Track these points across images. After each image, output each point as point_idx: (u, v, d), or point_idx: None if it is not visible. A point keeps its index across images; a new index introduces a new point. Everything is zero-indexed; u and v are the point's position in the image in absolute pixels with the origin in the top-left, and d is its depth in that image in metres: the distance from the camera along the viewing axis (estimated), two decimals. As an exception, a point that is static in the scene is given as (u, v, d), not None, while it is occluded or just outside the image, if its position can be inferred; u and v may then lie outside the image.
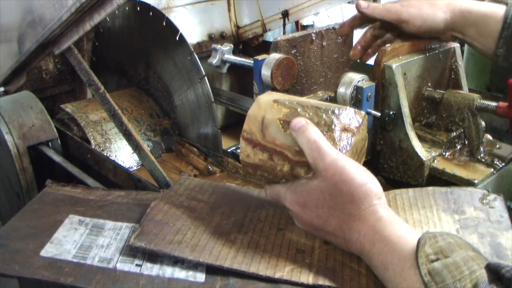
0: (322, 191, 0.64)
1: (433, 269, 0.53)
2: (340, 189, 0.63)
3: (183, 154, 1.19)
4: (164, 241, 0.66)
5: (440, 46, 0.98)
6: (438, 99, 0.96)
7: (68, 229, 0.72)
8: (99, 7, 0.85)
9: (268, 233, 0.72)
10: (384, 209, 0.63)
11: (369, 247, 0.61)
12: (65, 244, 0.68)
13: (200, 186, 0.84)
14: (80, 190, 0.83)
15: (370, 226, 0.62)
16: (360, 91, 0.89)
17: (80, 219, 0.74)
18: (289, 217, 0.76)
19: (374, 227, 0.61)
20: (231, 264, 0.64)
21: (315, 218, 0.66)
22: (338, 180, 0.63)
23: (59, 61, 1.51)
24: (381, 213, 0.62)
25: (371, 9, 0.91)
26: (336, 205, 0.64)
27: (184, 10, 1.56)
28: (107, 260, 0.66)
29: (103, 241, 0.69)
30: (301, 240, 0.71)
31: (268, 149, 0.69)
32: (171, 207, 0.75)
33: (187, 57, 1.11)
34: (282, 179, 0.71)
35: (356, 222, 0.63)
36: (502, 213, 0.74)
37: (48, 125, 1.18)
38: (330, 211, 0.65)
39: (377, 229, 0.61)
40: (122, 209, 0.78)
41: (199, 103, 1.13)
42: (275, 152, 0.69)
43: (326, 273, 0.63)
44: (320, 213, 0.65)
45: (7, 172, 1.19)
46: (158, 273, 0.64)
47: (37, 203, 0.79)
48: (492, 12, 0.89)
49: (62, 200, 0.80)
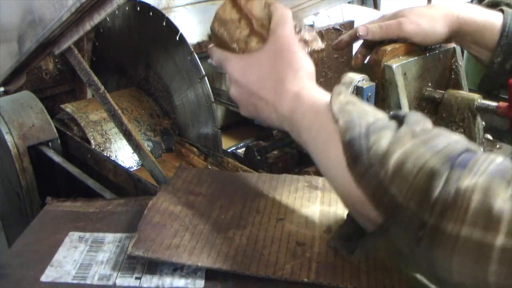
0: (268, 54, 0.72)
1: (342, 108, 0.59)
2: (283, 56, 0.71)
3: (183, 154, 1.19)
4: (162, 247, 0.66)
5: (440, 46, 0.99)
6: (438, 99, 0.96)
7: (68, 248, 0.72)
8: (99, 7, 0.85)
9: (267, 225, 0.72)
10: (311, 81, 0.71)
11: (294, 104, 0.68)
12: (65, 265, 0.68)
13: (198, 177, 0.84)
14: (80, 204, 0.83)
15: (298, 88, 0.69)
16: (360, 91, 0.89)
17: (80, 236, 0.74)
18: (288, 204, 0.76)
19: (302, 88, 0.69)
20: (230, 265, 0.64)
21: (254, 80, 0.73)
22: (285, 48, 0.71)
23: (59, 61, 1.51)
24: (309, 81, 0.70)
25: (371, 34, 0.94)
26: (276, 69, 0.71)
27: (184, 10, 1.56)
28: (107, 277, 0.65)
29: (103, 257, 0.69)
30: (301, 230, 0.70)
31: (243, 13, 0.77)
32: (169, 205, 0.75)
33: (187, 57, 1.11)
34: (234, 43, 0.78)
35: (288, 85, 0.70)
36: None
37: (48, 125, 1.18)
38: (269, 73, 0.72)
39: (304, 88, 0.68)
40: (121, 219, 0.78)
41: (199, 103, 1.13)
42: (246, 17, 0.77)
43: (327, 270, 0.63)
44: (259, 75, 0.72)
45: (7, 172, 1.19)
46: (158, 284, 0.64)
47: (38, 223, 0.79)
48: (490, 23, 0.90)
49: (62, 217, 0.79)
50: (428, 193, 0.47)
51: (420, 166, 0.49)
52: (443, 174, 0.47)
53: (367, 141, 0.54)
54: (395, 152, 0.51)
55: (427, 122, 0.56)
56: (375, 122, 0.56)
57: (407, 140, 0.51)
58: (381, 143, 0.53)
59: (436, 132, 0.53)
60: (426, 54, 0.95)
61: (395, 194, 0.50)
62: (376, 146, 0.53)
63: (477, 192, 0.45)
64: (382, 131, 0.54)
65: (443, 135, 0.53)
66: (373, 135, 0.54)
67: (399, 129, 0.54)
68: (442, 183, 0.47)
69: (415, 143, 0.51)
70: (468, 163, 0.47)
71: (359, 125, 0.56)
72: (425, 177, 0.48)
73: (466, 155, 0.49)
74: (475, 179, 0.46)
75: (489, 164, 0.47)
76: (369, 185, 0.53)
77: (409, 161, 0.50)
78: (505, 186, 0.44)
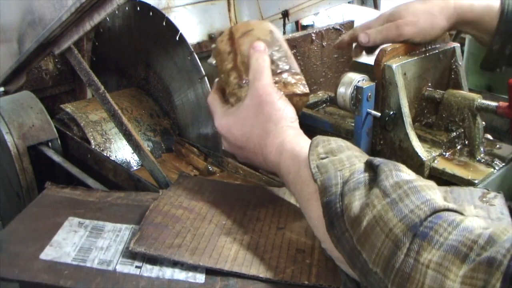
0: (248, 109, 0.75)
1: (320, 163, 0.62)
2: (262, 109, 0.74)
3: (183, 154, 1.19)
4: (164, 245, 0.66)
5: (440, 46, 0.98)
6: (438, 99, 0.95)
7: (68, 231, 0.72)
8: (99, 7, 0.85)
9: (268, 233, 0.72)
10: (293, 129, 0.74)
11: (279, 158, 0.71)
12: (64, 246, 0.68)
13: (199, 185, 0.84)
14: (80, 192, 0.83)
15: (280, 141, 0.72)
16: (360, 91, 0.89)
17: (79, 221, 0.74)
18: (288, 215, 0.76)
19: (283, 141, 0.72)
20: (231, 266, 0.64)
21: (240, 136, 0.77)
22: (263, 100, 0.74)
23: (59, 61, 1.51)
24: (290, 131, 0.73)
25: (372, 41, 0.95)
26: (257, 123, 0.75)
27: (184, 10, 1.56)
28: (107, 262, 0.65)
29: (103, 243, 0.69)
30: (301, 239, 0.71)
31: (233, 47, 0.81)
32: (171, 208, 0.75)
33: (187, 57, 1.11)
34: (222, 74, 0.83)
35: (271, 138, 0.73)
36: (502, 211, 0.74)
37: (48, 125, 1.18)
38: (252, 129, 0.75)
39: (285, 142, 0.71)
40: (121, 211, 0.78)
41: (199, 103, 1.13)
42: (234, 52, 0.81)
43: (327, 273, 0.63)
44: (244, 131, 0.76)
45: (7, 172, 1.19)
46: (158, 274, 0.64)
47: (36, 205, 0.79)
48: (488, 8, 0.89)
49: (61, 202, 0.80)
50: (391, 262, 0.49)
51: (386, 234, 0.51)
52: (405, 244, 0.49)
53: (342, 204, 0.57)
54: (366, 216, 0.53)
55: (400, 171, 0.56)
56: (349, 180, 0.58)
57: (377, 202, 0.53)
58: (354, 205, 0.55)
59: (407, 188, 0.53)
60: (426, 54, 0.95)
61: (366, 259, 0.52)
62: (349, 210, 0.55)
63: (431, 269, 0.46)
64: (356, 191, 0.56)
65: (414, 191, 0.53)
66: (347, 197, 0.56)
67: (371, 189, 0.56)
68: (403, 255, 0.49)
69: (384, 206, 0.52)
70: (429, 233, 0.48)
71: (335, 185, 0.58)
72: (390, 245, 0.50)
73: (430, 221, 0.49)
74: (433, 252, 0.47)
75: (450, 232, 0.48)
76: (345, 249, 0.56)
77: (378, 226, 0.52)
78: (458, 264, 0.45)
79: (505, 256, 0.43)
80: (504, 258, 0.43)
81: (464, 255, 0.46)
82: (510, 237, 0.45)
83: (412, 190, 0.53)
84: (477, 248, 0.46)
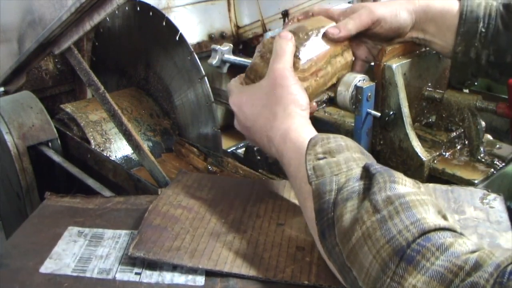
0: (261, 89, 0.75)
1: (317, 165, 0.61)
2: (274, 91, 0.74)
3: (183, 154, 1.19)
4: (163, 249, 0.66)
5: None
6: (438, 99, 0.95)
7: (67, 241, 0.72)
8: (99, 7, 0.85)
9: (268, 230, 0.72)
10: (301, 117, 0.72)
11: (283, 146, 0.70)
12: (64, 258, 0.68)
13: (198, 181, 0.84)
14: (79, 200, 0.83)
15: (286, 127, 0.71)
16: (360, 91, 0.89)
17: (79, 230, 0.74)
18: (288, 210, 0.76)
19: (289, 128, 0.70)
20: (230, 268, 0.64)
21: (249, 115, 0.76)
22: (277, 83, 0.74)
23: (59, 61, 1.51)
24: (298, 118, 0.72)
25: (345, 31, 0.85)
26: (267, 104, 0.74)
27: (184, 10, 1.56)
28: (106, 271, 0.66)
29: (102, 251, 0.69)
30: (301, 236, 0.71)
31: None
32: (170, 208, 0.75)
33: (187, 57, 1.11)
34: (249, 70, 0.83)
35: (278, 122, 0.72)
36: (501, 214, 0.74)
37: (48, 125, 1.18)
38: (262, 109, 0.74)
39: (291, 130, 0.70)
40: (121, 216, 0.78)
41: (199, 103, 1.13)
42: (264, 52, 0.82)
43: (327, 273, 0.63)
44: (253, 110, 0.75)
45: (7, 172, 1.19)
46: (158, 280, 0.64)
47: (37, 217, 0.79)
48: (449, 6, 0.87)
49: (61, 212, 0.80)
50: (377, 285, 0.50)
51: (374, 255, 0.51)
52: (391, 268, 0.49)
53: (334, 214, 0.57)
54: (355, 232, 0.53)
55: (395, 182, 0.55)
56: (343, 188, 0.58)
57: (367, 218, 0.53)
58: (345, 218, 0.55)
59: (398, 204, 0.53)
60: (426, 54, 0.94)
61: (356, 277, 0.53)
62: (340, 222, 0.55)
63: None
64: (349, 202, 0.56)
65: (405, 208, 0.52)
66: (339, 207, 0.56)
67: (364, 200, 0.55)
68: (388, 279, 0.49)
69: (373, 223, 0.52)
70: (416, 257, 0.48)
71: (329, 191, 0.58)
72: (376, 268, 0.50)
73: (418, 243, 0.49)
74: (417, 278, 0.47)
75: (438, 257, 0.47)
76: (336, 262, 0.57)
77: (366, 246, 0.52)
78: None
79: (488, 280, 0.43)
80: (487, 283, 0.43)
81: (449, 282, 0.45)
82: (494, 262, 0.45)
83: (403, 207, 0.52)
84: (462, 274, 0.45)
